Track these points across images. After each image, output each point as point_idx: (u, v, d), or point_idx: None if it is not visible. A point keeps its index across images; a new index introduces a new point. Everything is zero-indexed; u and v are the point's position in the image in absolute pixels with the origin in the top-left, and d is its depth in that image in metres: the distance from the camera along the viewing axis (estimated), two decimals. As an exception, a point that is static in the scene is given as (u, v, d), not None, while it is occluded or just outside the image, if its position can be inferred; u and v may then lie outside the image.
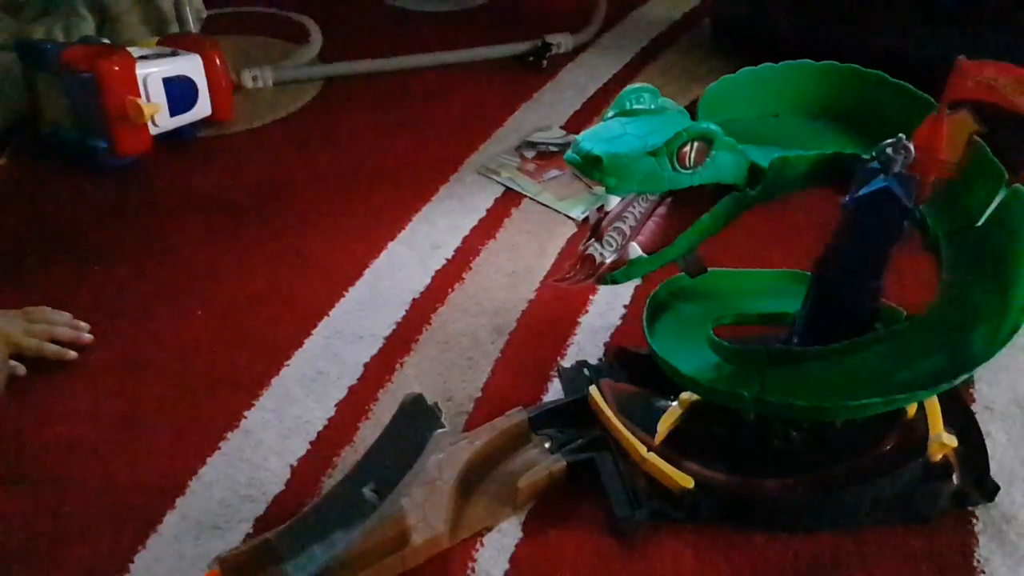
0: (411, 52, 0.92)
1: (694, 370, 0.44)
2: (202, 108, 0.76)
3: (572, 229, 0.68)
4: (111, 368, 0.55)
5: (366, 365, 0.55)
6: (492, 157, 0.77)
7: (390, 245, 0.66)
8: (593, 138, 0.38)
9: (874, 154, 0.40)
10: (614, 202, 0.42)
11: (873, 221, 0.39)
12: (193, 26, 0.87)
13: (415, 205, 0.71)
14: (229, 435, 0.50)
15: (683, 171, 0.38)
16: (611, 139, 0.38)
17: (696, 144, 0.37)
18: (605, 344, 0.57)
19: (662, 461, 0.44)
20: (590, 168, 0.37)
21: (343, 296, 0.61)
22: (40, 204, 0.71)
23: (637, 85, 0.40)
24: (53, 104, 0.73)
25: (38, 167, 0.75)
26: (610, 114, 0.40)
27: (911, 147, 0.39)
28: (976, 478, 0.46)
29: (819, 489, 0.44)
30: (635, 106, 0.40)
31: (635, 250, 0.40)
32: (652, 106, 0.40)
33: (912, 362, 0.39)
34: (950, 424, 0.46)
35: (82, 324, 0.56)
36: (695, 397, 0.46)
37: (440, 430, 0.37)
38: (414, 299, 0.61)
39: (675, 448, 0.45)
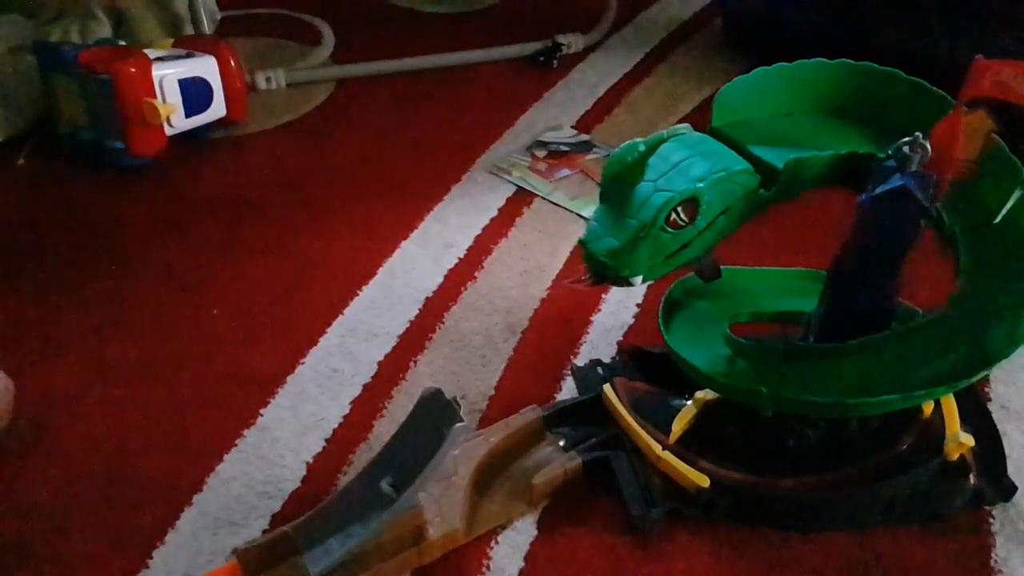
0: (422, 53, 0.92)
1: (711, 367, 0.44)
2: (217, 109, 0.77)
3: (584, 228, 0.68)
4: (128, 366, 0.55)
5: (380, 363, 0.55)
6: (503, 157, 0.78)
7: (403, 244, 0.66)
8: (593, 238, 0.39)
9: (890, 152, 0.39)
10: None
11: (890, 220, 0.39)
12: (207, 28, 0.88)
13: (427, 204, 0.71)
14: (246, 432, 0.50)
15: (682, 228, 0.38)
16: (607, 232, 0.38)
17: (680, 207, 0.38)
18: (618, 343, 0.57)
19: (677, 460, 0.44)
20: (602, 271, 0.38)
21: (357, 295, 0.61)
22: (58, 204, 0.72)
23: (618, 150, 0.40)
24: (70, 105, 0.74)
25: (56, 167, 0.76)
26: (603, 184, 0.40)
27: (928, 145, 0.39)
28: (993, 478, 0.45)
29: (835, 488, 0.44)
30: (628, 160, 0.40)
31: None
32: (642, 148, 0.40)
33: (930, 359, 0.39)
34: (967, 423, 0.46)
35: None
36: (710, 396, 0.46)
37: (459, 424, 0.37)
38: (427, 298, 0.61)
39: (690, 447, 0.45)
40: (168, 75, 0.72)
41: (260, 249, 0.66)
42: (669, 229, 0.38)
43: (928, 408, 0.46)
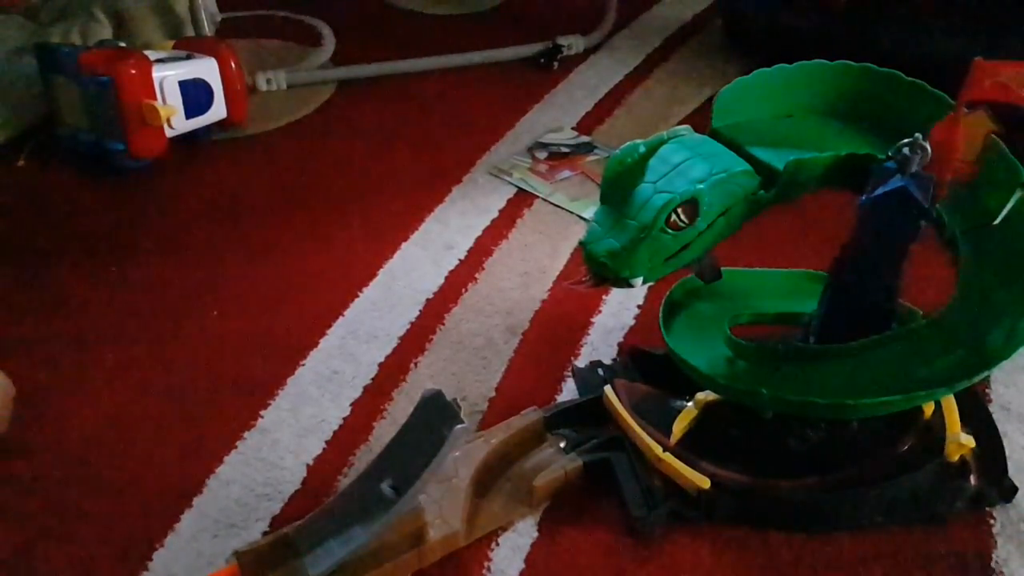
0: (423, 55, 0.93)
1: (712, 368, 0.44)
2: (217, 111, 0.77)
3: (584, 229, 0.68)
4: (128, 368, 0.55)
5: (380, 365, 0.55)
6: (504, 158, 0.78)
7: (404, 246, 0.66)
8: (594, 239, 0.39)
9: (890, 154, 0.39)
10: None
11: (889, 221, 0.39)
12: (208, 29, 0.88)
13: (428, 206, 0.71)
14: (246, 434, 0.50)
15: (682, 229, 0.38)
16: (608, 234, 0.38)
17: (679, 208, 0.38)
18: (619, 344, 0.57)
19: (678, 461, 0.44)
20: (603, 273, 0.38)
21: (357, 296, 0.61)
22: (57, 205, 0.72)
23: (618, 151, 0.40)
24: (70, 106, 0.74)
25: (55, 169, 0.76)
26: (603, 187, 0.40)
27: (928, 147, 0.39)
28: (994, 479, 0.45)
29: (836, 489, 0.44)
30: (628, 161, 0.40)
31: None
32: (642, 149, 0.40)
33: (930, 360, 0.39)
34: (967, 424, 0.46)
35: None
36: (710, 397, 0.46)
37: (460, 426, 0.37)
38: (428, 299, 0.61)
39: (691, 448, 0.45)
40: (168, 77, 0.72)
41: (260, 251, 0.66)
42: (669, 230, 0.38)
43: (929, 409, 0.46)
